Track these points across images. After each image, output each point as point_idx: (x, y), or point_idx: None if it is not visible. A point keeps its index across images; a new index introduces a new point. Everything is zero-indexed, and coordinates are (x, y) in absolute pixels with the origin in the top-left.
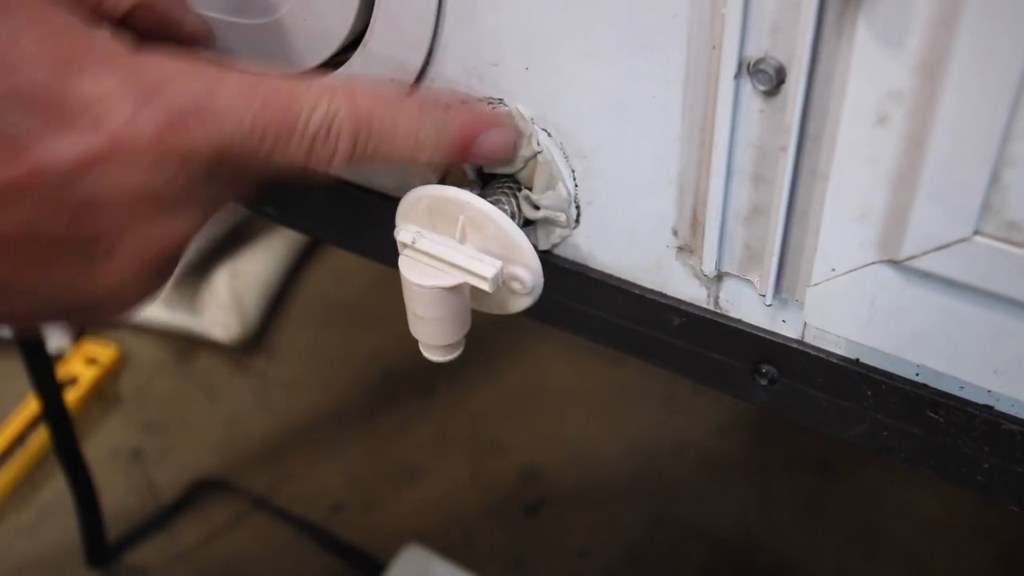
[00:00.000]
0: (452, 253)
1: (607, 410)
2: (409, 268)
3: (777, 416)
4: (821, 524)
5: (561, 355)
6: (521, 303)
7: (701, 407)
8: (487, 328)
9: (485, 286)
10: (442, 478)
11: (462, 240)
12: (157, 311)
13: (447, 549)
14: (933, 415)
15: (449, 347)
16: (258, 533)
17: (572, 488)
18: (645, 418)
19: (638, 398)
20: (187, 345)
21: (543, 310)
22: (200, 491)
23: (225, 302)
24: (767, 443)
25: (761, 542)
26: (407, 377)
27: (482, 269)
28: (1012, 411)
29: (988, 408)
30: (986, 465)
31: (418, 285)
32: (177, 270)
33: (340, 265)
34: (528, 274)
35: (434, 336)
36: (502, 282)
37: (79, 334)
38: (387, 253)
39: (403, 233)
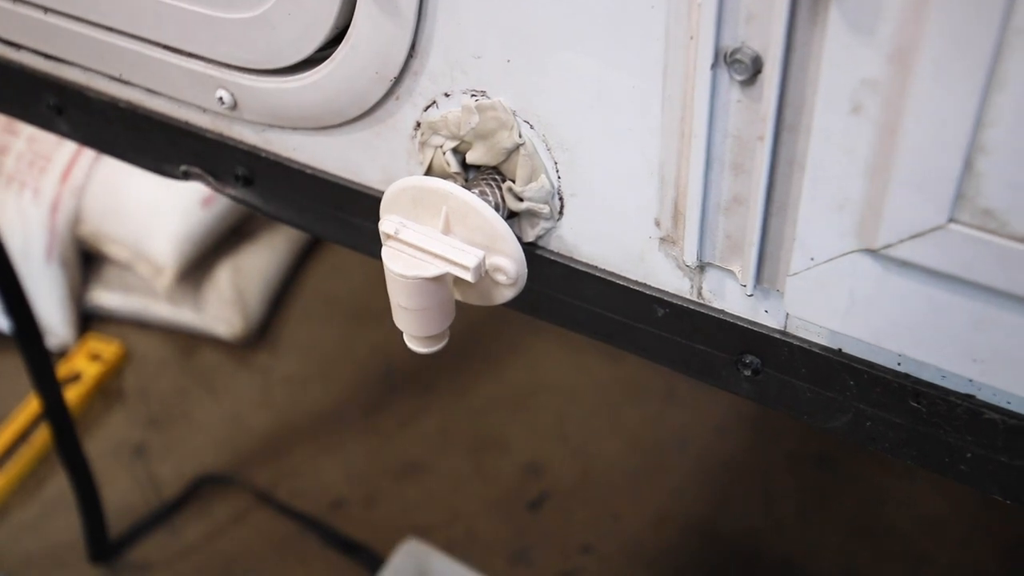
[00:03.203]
0: (434, 243)
1: (608, 406)
2: (392, 259)
3: (765, 407)
4: (824, 519)
5: (561, 351)
6: (505, 294)
7: (702, 403)
8: (487, 324)
9: (467, 276)
10: (443, 474)
11: (446, 231)
12: (161, 307)
13: (449, 544)
14: (915, 404)
15: (433, 338)
16: (260, 528)
17: (574, 484)
18: (646, 414)
19: (639, 394)
20: (190, 341)
21: (528, 302)
22: (202, 487)
23: (228, 298)
24: (769, 439)
25: (764, 538)
26: (408, 373)
27: (464, 259)
28: (993, 400)
29: (969, 397)
30: (969, 454)
31: (401, 275)
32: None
33: (341, 261)
34: (511, 264)
35: (418, 327)
36: (485, 272)
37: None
38: (372, 244)
39: (386, 224)
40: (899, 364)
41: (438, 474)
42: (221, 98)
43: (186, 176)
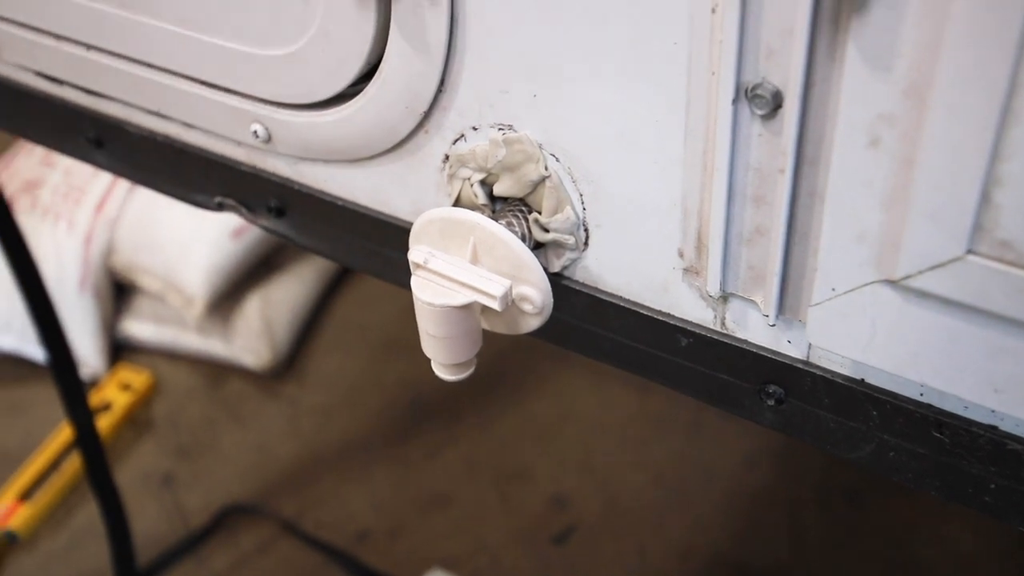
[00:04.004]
0: (462, 272)
1: (634, 439)
2: (421, 288)
3: (790, 439)
4: (851, 555)
5: (587, 383)
6: (531, 323)
7: (728, 436)
8: (513, 356)
9: (494, 304)
10: (469, 505)
11: (474, 261)
12: (190, 338)
13: None
14: (938, 435)
15: (460, 366)
16: (286, 559)
17: (600, 516)
18: (672, 447)
19: (665, 427)
20: (219, 371)
21: (554, 331)
22: (229, 516)
23: (256, 329)
24: (796, 473)
25: (791, 573)
26: (434, 404)
27: (492, 288)
28: (1016, 431)
29: (992, 428)
30: (993, 485)
31: (429, 304)
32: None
33: (369, 293)
34: (538, 294)
35: (446, 355)
36: (512, 302)
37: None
38: (401, 274)
39: (415, 253)
40: (921, 394)
41: (463, 505)
42: (256, 132)
43: (220, 207)
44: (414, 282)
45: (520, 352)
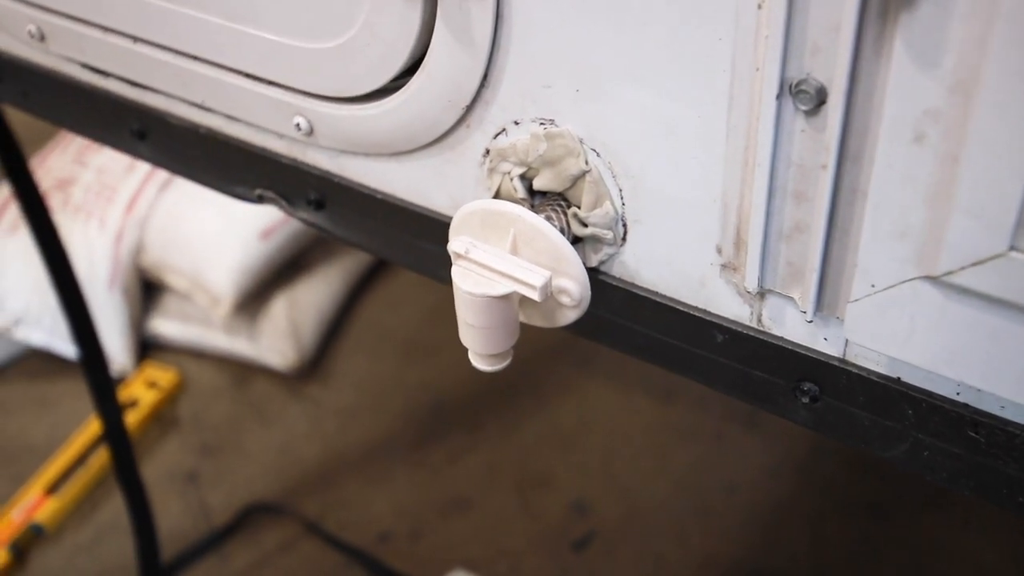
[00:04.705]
0: (503, 263)
1: (656, 447)
2: (461, 277)
3: (814, 452)
4: (873, 569)
5: (610, 391)
6: (569, 316)
7: (751, 447)
8: (537, 362)
9: (534, 295)
10: (490, 510)
11: (513, 253)
12: (217, 337)
13: None
14: (974, 434)
15: (497, 356)
16: (307, 558)
17: (620, 524)
18: (694, 457)
19: (687, 436)
20: (244, 371)
21: (589, 326)
22: (252, 515)
23: (282, 330)
24: (819, 485)
25: None
26: (456, 409)
27: (531, 278)
28: None
29: None
30: None
31: (469, 293)
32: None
33: (395, 296)
34: (576, 286)
35: (483, 345)
36: (550, 293)
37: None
38: (438, 268)
39: (456, 243)
40: (958, 393)
41: (484, 510)
42: (298, 124)
43: (260, 200)
44: (455, 271)
45: (543, 359)
